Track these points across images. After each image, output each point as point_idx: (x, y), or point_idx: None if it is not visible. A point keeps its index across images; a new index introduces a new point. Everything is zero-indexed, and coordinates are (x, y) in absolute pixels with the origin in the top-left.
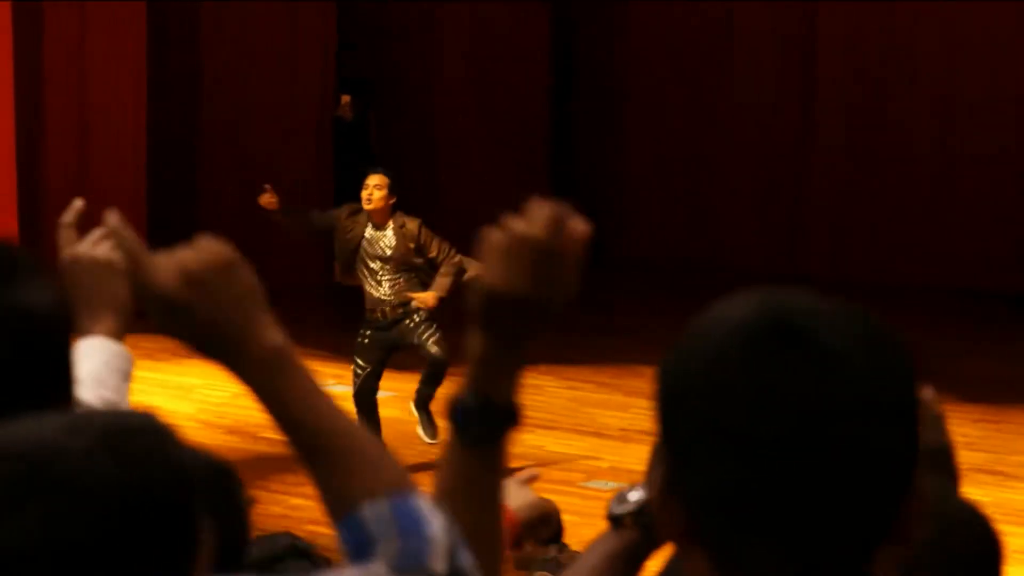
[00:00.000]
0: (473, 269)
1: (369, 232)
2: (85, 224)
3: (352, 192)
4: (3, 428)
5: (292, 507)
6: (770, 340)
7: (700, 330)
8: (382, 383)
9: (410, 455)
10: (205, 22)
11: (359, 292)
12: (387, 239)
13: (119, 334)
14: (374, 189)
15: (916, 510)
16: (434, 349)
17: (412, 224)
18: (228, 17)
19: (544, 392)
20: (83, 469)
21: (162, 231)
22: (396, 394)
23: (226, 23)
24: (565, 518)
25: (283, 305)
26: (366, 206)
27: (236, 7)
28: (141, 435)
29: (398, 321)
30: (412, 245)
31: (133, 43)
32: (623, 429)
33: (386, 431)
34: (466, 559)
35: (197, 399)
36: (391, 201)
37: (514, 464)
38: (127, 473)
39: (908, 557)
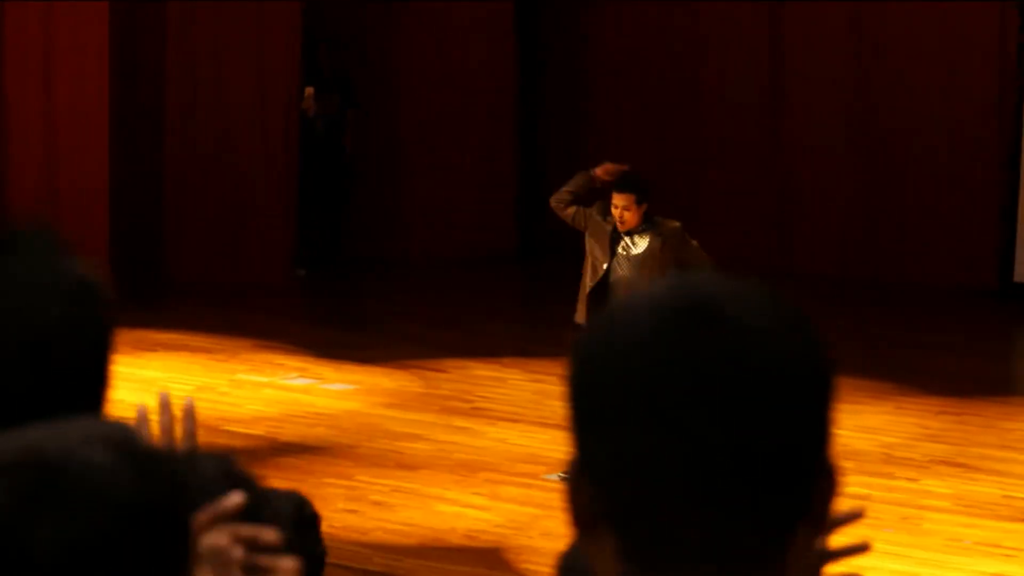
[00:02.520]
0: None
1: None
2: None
3: (320, 188)
4: (20, 434)
5: None
6: (685, 318)
7: (616, 313)
8: (344, 376)
9: (372, 448)
10: (171, 18)
11: (327, 288)
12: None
13: None
14: (623, 211)
15: (831, 490)
16: None
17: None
18: (195, 13)
19: (508, 385)
20: (109, 483)
21: (129, 228)
22: (358, 387)
23: (192, 18)
24: (528, 511)
25: (252, 299)
26: (621, 228)
27: (203, 3)
28: (147, 447)
29: None
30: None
31: (96, 38)
32: None
33: (347, 423)
34: None
35: (159, 392)
36: (643, 209)
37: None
38: (146, 487)
39: None
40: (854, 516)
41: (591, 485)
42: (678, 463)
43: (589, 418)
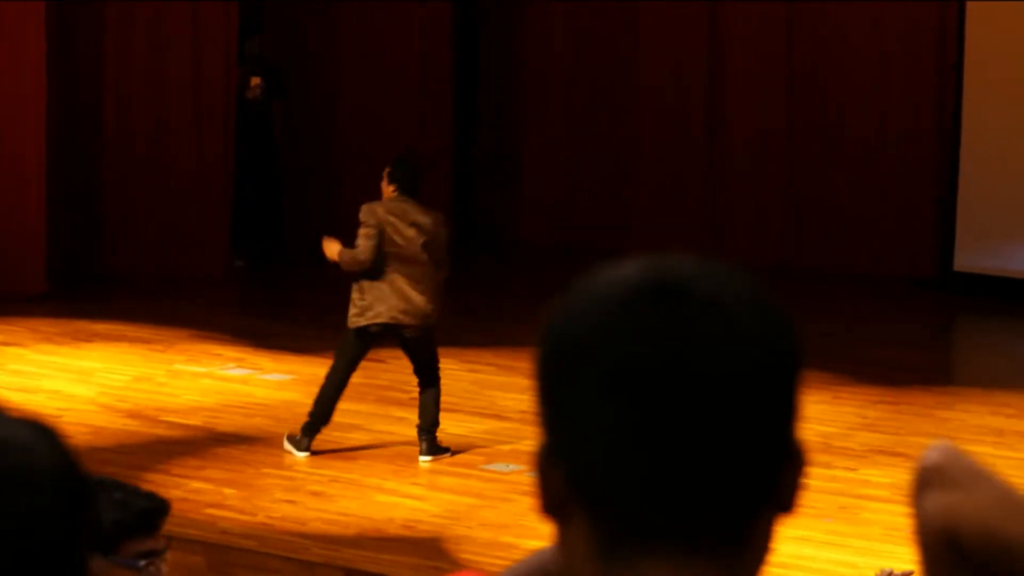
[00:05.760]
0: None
1: None
2: None
3: (253, 178)
4: None
5: (193, 490)
6: (654, 296)
7: (582, 292)
8: (281, 366)
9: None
10: (109, 12)
11: (265, 279)
12: None
13: None
14: None
15: (798, 475)
16: None
17: None
18: (132, 8)
19: (445, 374)
20: (37, 458)
21: (67, 219)
22: (296, 377)
23: (130, 13)
24: (465, 500)
25: (190, 289)
26: None
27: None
28: (36, 417)
29: None
30: None
31: (33, 32)
32: (523, 412)
33: (285, 414)
34: None
35: (97, 383)
36: (388, 187)
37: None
38: (60, 458)
39: None
40: None
41: (561, 469)
42: (648, 443)
43: (558, 400)
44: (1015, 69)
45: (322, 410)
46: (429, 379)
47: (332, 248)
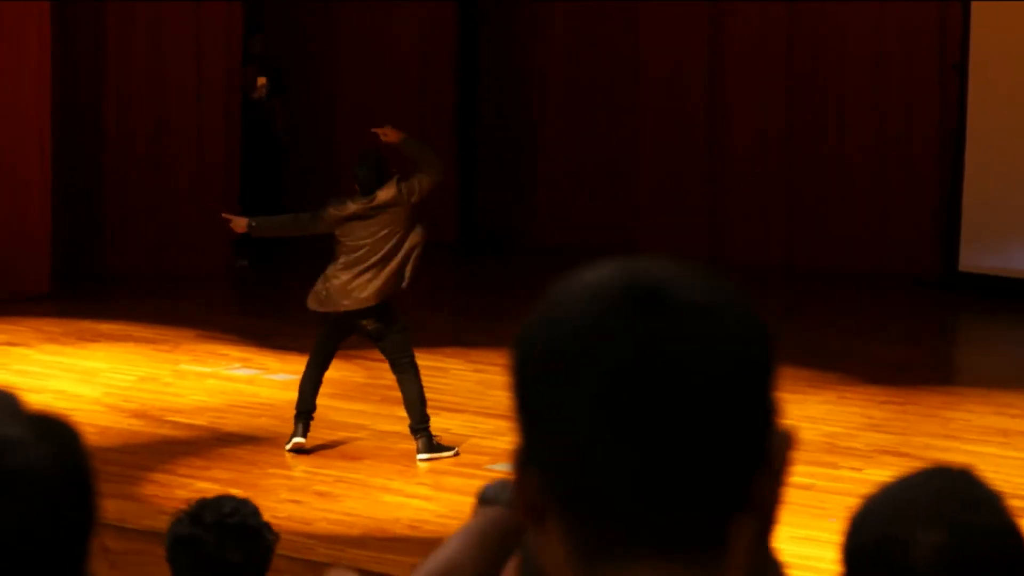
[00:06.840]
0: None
1: None
2: None
3: (256, 177)
4: None
5: (198, 491)
6: (629, 299)
7: (559, 296)
8: (287, 366)
9: (315, 438)
10: (110, 12)
11: (269, 279)
12: None
13: None
14: None
15: (771, 479)
16: None
17: None
18: (134, 8)
19: (450, 375)
20: (32, 458)
21: (70, 219)
22: (296, 377)
23: (131, 12)
24: (471, 500)
25: (195, 289)
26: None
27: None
28: (36, 412)
29: None
30: None
31: (37, 34)
32: None
33: (291, 414)
34: None
35: (102, 383)
36: (356, 187)
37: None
38: (62, 462)
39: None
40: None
41: (539, 474)
42: (626, 450)
43: (535, 406)
44: (1020, 69)
45: (300, 396)
46: (399, 373)
47: (239, 222)
